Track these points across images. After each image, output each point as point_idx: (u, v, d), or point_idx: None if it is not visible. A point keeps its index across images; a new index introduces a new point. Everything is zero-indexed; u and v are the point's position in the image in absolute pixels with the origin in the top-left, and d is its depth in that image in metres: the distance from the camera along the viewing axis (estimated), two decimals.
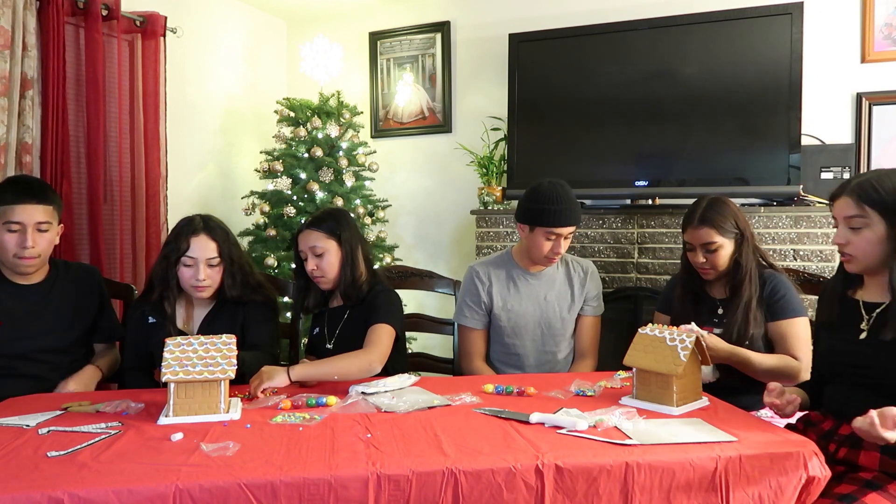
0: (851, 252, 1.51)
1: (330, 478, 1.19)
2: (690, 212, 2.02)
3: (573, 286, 2.28)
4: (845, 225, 1.51)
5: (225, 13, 3.92)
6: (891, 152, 3.04)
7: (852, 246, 1.50)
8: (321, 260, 2.00)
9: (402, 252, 3.97)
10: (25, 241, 1.88)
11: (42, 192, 1.95)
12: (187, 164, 3.65)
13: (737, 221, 1.97)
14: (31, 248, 1.88)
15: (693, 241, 1.99)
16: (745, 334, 1.92)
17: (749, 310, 1.93)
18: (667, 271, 3.09)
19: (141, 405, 1.61)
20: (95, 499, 1.12)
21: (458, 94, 3.94)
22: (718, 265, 1.98)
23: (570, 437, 1.38)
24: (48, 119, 2.70)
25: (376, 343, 1.88)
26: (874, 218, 1.46)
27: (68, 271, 2.07)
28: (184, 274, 1.93)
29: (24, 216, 1.88)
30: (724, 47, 3.02)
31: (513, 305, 2.25)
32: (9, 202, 1.88)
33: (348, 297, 2.05)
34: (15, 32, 2.57)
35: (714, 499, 1.28)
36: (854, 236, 1.49)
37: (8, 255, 1.90)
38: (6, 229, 1.88)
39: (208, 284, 1.94)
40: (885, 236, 1.45)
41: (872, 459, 1.43)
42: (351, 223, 2.08)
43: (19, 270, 1.94)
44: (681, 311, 2.06)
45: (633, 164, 3.18)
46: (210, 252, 1.93)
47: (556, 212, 2.11)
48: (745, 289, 1.95)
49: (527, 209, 2.18)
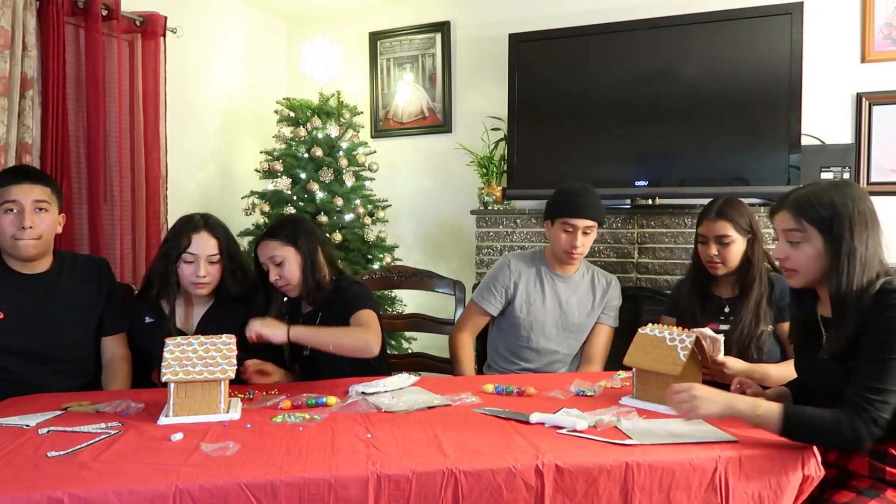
0: (791, 266, 1.49)
1: (330, 478, 1.19)
2: (708, 207, 2.07)
3: (595, 293, 2.34)
4: (784, 239, 1.50)
5: (225, 13, 3.92)
6: (891, 152, 3.04)
7: (792, 260, 1.49)
8: (282, 269, 1.99)
9: (402, 252, 3.97)
10: (23, 220, 1.83)
11: (38, 173, 1.94)
12: (187, 164, 3.65)
13: (751, 221, 2.03)
14: (29, 229, 1.84)
15: (708, 233, 2.03)
16: (753, 331, 1.96)
17: (759, 307, 1.98)
18: (667, 271, 3.09)
19: (141, 405, 1.61)
20: (95, 499, 1.12)
21: (458, 94, 3.94)
22: (729, 260, 2.01)
23: (570, 437, 1.38)
24: (48, 119, 2.69)
25: (368, 324, 1.88)
26: (812, 232, 1.44)
27: (76, 263, 2.01)
28: (184, 271, 1.94)
29: (20, 195, 1.84)
30: (724, 47, 3.02)
31: (535, 300, 2.30)
32: (3, 184, 1.85)
33: (315, 301, 2.04)
34: (15, 32, 2.57)
35: (714, 499, 1.28)
36: (793, 251, 1.48)
37: (6, 237, 1.86)
38: (3, 211, 1.84)
39: (208, 281, 1.95)
40: (822, 251, 1.43)
41: (862, 465, 1.44)
42: (307, 227, 2.07)
43: (19, 253, 1.87)
44: (687, 308, 2.09)
45: (633, 164, 3.18)
46: (211, 249, 1.94)
47: (573, 203, 2.19)
48: (755, 287, 2.00)
49: (549, 204, 2.29)
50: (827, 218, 1.43)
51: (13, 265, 1.92)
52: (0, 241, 1.88)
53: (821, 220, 1.43)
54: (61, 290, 1.95)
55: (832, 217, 1.42)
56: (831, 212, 1.42)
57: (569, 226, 2.20)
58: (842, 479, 1.47)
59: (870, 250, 1.41)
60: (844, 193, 1.44)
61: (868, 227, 1.42)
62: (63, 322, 1.93)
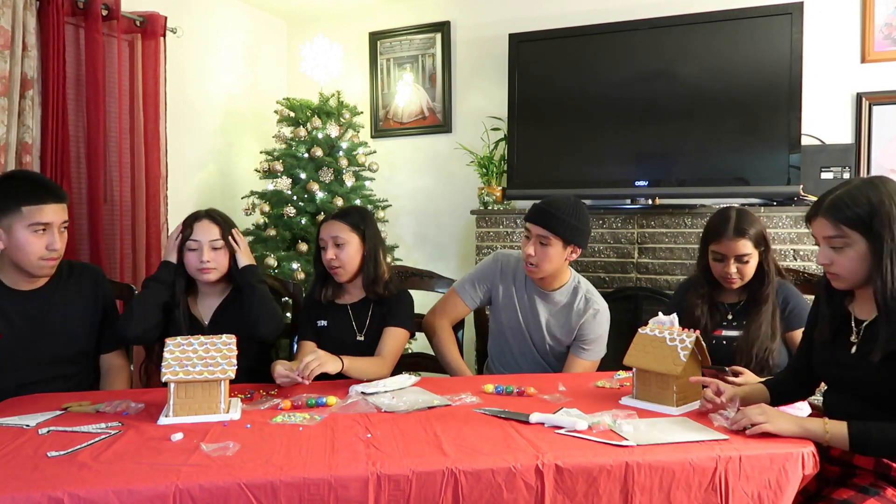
0: (836, 271, 1.47)
1: (330, 478, 1.19)
2: (721, 223, 1.97)
3: (571, 317, 2.15)
4: (826, 245, 1.47)
5: (225, 13, 3.92)
6: (891, 152, 3.04)
7: (836, 265, 1.46)
8: (340, 251, 2.04)
9: (402, 252, 3.97)
10: (54, 242, 1.81)
11: (59, 190, 1.92)
12: (187, 164, 3.65)
13: (762, 231, 1.99)
14: (59, 249, 1.83)
15: (727, 252, 1.95)
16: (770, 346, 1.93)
17: (774, 321, 1.95)
18: (667, 271, 3.09)
19: (141, 405, 1.61)
20: (95, 499, 1.12)
21: (458, 94, 3.94)
22: (747, 275, 1.99)
23: (570, 437, 1.38)
24: (48, 119, 2.69)
25: (394, 352, 2.01)
26: (854, 236, 1.41)
27: (71, 273, 1.98)
28: (190, 259, 1.99)
29: (54, 216, 1.81)
30: (725, 47, 3.02)
31: (509, 308, 2.22)
32: (34, 202, 1.79)
33: (371, 293, 2.08)
34: (15, 32, 2.57)
35: (714, 498, 1.28)
36: (837, 255, 1.45)
37: (33, 257, 1.80)
38: (32, 230, 1.78)
39: (213, 267, 1.98)
40: (867, 252, 1.41)
41: (867, 460, 1.43)
42: (374, 223, 2.14)
43: (43, 273, 1.85)
44: (693, 318, 2.03)
45: (633, 164, 3.18)
46: (213, 234, 1.99)
47: (533, 209, 2.10)
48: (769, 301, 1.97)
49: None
50: (866, 217, 1.39)
51: (10, 282, 1.87)
52: (21, 259, 1.81)
53: (860, 221, 1.40)
54: (58, 305, 1.91)
55: (871, 216, 1.39)
56: (869, 210, 1.39)
57: (526, 230, 2.10)
58: (844, 476, 1.47)
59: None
60: (880, 190, 1.40)
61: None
62: (60, 338, 1.90)
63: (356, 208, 2.18)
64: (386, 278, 2.09)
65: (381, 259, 2.10)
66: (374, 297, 2.09)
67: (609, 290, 3.17)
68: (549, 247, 2.05)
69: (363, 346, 2.05)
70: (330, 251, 2.04)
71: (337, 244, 2.04)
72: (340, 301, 2.14)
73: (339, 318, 2.11)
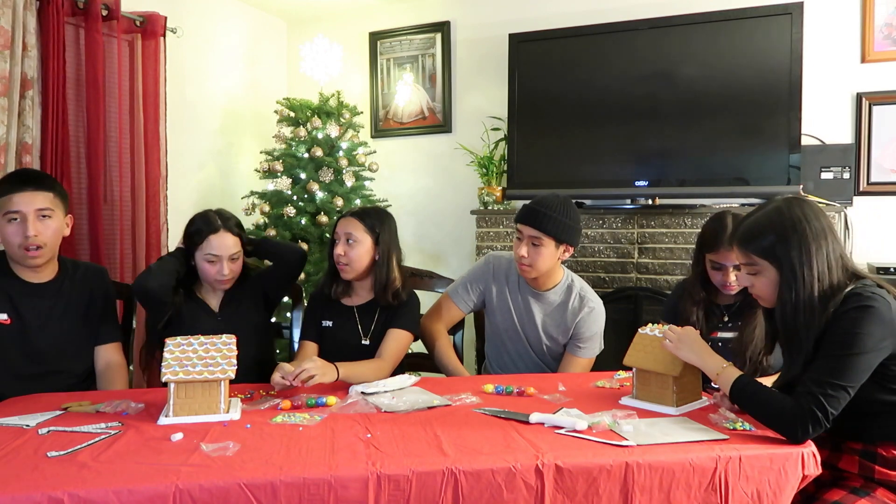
0: (757, 294, 1.53)
1: (330, 478, 1.19)
2: (717, 231, 1.92)
3: (566, 316, 2.15)
4: (744, 270, 1.53)
5: (225, 13, 3.92)
6: (891, 152, 3.04)
7: (755, 289, 1.52)
8: (350, 248, 2.03)
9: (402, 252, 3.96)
10: (27, 229, 1.81)
11: (41, 179, 1.92)
12: (187, 164, 3.65)
13: None
14: (33, 237, 1.82)
15: (725, 261, 1.91)
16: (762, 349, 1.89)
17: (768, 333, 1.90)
18: (667, 271, 3.09)
19: (141, 405, 1.61)
20: (95, 499, 1.12)
21: (458, 94, 3.94)
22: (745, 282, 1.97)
23: (570, 437, 1.38)
24: (48, 119, 2.69)
25: (395, 354, 2.01)
26: (763, 264, 1.46)
27: (76, 271, 2.01)
28: (207, 269, 2.00)
29: (22, 204, 1.83)
30: (724, 47, 3.02)
31: (503, 309, 2.21)
32: (6, 192, 1.83)
33: (381, 297, 2.07)
34: (15, 32, 2.57)
35: (714, 498, 1.28)
36: (755, 280, 1.51)
37: (13, 247, 1.85)
38: (7, 220, 1.83)
39: (232, 277, 2.03)
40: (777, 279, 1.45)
41: (852, 464, 1.46)
42: (392, 228, 2.13)
43: (27, 263, 1.88)
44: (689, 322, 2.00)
45: (633, 164, 3.18)
46: (233, 248, 2.01)
47: (524, 209, 2.09)
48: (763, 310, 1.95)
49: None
50: (769, 247, 1.44)
51: (21, 273, 1.92)
52: (7, 249, 1.88)
53: (764, 250, 1.45)
54: (65, 300, 1.96)
55: (773, 245, 1.43)
56: (772, 240, 1.43)
57: (518, 231, 2.09)
58: (835, 479, 1.48)
59: (820, 268, 1.40)
60: (785, 217, 1.44)
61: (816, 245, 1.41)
62: (66, 332, 1.94)
63: (378, 210, 2.16)
64: (398, 285, 2.07)
65: (394, 265, 2.07)
66: (382, 302, 2.08)
67: (609, 290, 3.17)
68: (541, 247, 2.05)
69: (368, 349, 2.04)
70: (340, 246, 2.04)
71: (348, 241, 2.03)
72: (348, 301, 2.13)
73: (345, 320, 2.11)
